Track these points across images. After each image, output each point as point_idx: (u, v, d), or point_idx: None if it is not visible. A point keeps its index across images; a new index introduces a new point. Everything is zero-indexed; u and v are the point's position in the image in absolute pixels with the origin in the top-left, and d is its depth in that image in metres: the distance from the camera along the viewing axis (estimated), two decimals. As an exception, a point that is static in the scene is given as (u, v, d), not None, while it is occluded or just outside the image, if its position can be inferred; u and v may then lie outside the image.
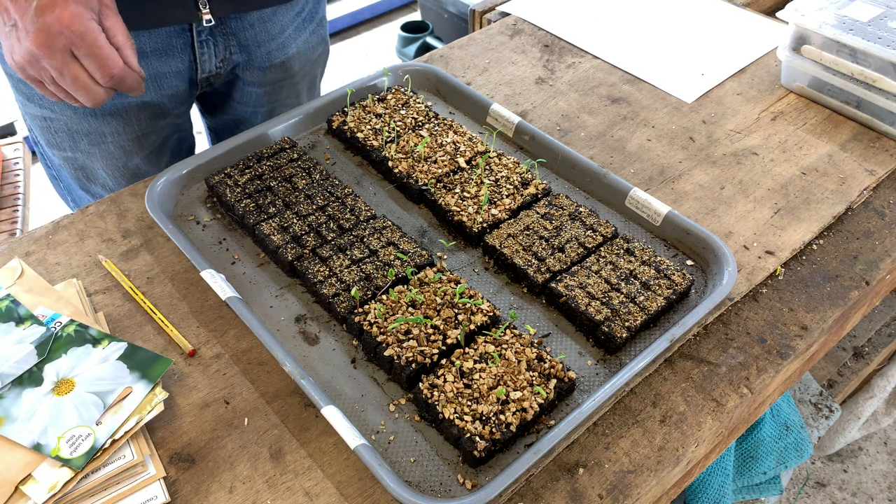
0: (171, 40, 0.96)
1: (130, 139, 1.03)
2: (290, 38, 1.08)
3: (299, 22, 1.09)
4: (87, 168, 1.06)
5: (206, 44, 0.99)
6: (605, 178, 0.90)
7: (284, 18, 1.05)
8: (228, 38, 1.01)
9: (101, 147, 1.02)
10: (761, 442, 1.15)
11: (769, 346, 0.78)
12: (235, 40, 1.02)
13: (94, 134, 1.00)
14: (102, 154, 1.03)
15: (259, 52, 1.06)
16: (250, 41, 1.04)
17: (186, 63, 1.00)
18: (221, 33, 1.00)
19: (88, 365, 0.71)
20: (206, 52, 1.00)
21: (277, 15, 1.04)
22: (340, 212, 0.87)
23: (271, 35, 1.05)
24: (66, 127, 1.00)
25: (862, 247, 0.88)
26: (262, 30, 1.04)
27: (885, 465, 1.77)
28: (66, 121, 0.99)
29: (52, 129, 1.01)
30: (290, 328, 0.78)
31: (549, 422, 0.69)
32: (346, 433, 0.65)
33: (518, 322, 0.79)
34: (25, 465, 0.64)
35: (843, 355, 1.53)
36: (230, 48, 1.02)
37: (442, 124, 0.99)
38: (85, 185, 1.09)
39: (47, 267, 0.84)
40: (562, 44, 1.20)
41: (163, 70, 0.98)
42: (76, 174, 1.07)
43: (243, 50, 1.04)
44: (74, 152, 1.03)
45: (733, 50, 1.19)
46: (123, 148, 1.03)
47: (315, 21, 1.12)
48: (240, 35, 1.02)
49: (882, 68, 0.97)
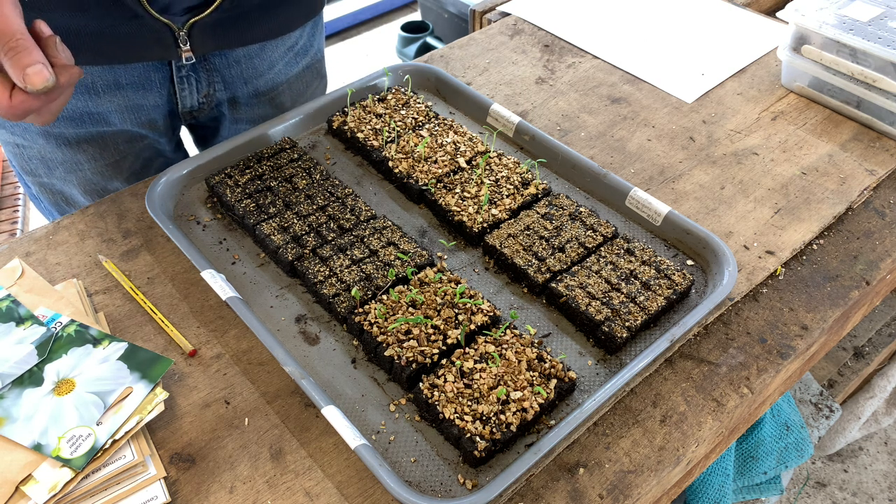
0: (149, 74, 0.92)
1: (108, 164, 0.98)
2: (281, 73, 1.03)
3: (291, 57, 1.04)
4: (64, 193, 1.01)
5: (187, 80, 0.95)
6: (605, 178, 0.90)
7: (274, 54, 1.00)
8: (212, 74, 0.96)
9: (77, 174, 0.98)
10: (761, 442, 1.15)
11: (769, 345, 0.78)
12: (220, 77, 0.97)
13: (69, 162, 0.96)
14: (80, 180, 0.99)
15: (245, 90, 1.01)
16: (235, 78, 0.99)
17: (165, 97, 0.96)
18: (204, 69, 0.95)
19: (89, 365, 0.71)
20: (187, 87, 0.96)
21: (266, 51, 0.99)
22: (341, 212, 0.87)
23: (259, 71, 1.00)
24: (39, 154, 0.95)
25: (862, 247, 0.88)
26: (248, 66, 0.99)
27: (885, 465, 1.77)
28: (38, 149, 0.94)
29: (25, 155, 0.96)
30: (290, 328, 0.78)
31: (549, 422, 0.69)
32: (347, 433, 0.65)
33: (518, 322, 0.79)
34: (26, 466, 0.64)
35: (844, 355, 1.53)
36: (214, 85, 0.98)
37: (442, 124, 0.99)
38: (63, 210, 1.04)
39: (47, 267, 0.84)
40: (562, 44, 1.20)
41: (140, 102, 0.94)
42: (54, 199, 1.02)
43: (228, 87, 0.99)
44: (50, 178, 0.98)
45: (733, 50, 1.19)
46: (101, 174, 0.99)
47: (309, 55, 1.07)
48: (224, 72, 0.97)
49: (882, 68, 0.97)
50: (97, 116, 0.93)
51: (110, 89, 0.91)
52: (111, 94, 0.91)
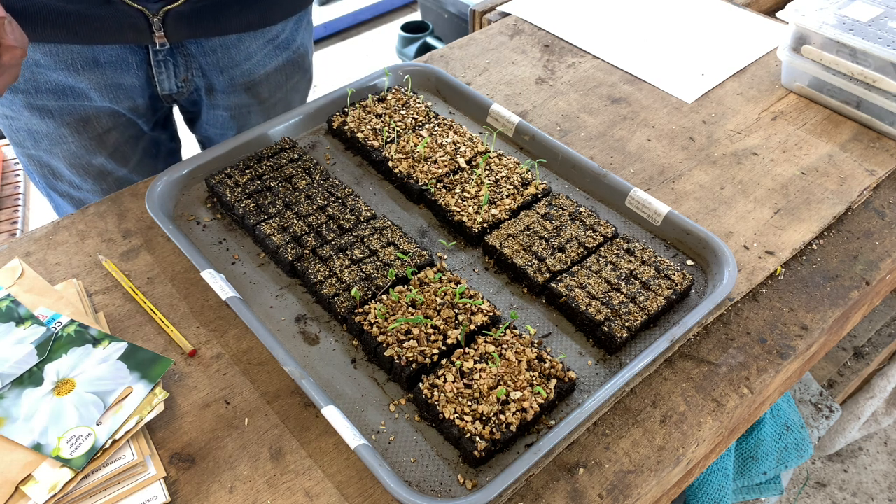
0: (126, 56, 0.93)
1: (91, 138, 1.00)
2: (259, 64, 1.04)
3: (270, 49, 1.04)
4: (51, 166, 1.03)
5: (165, 64, 0.96)
6: (605, 178, 0.90)
7: (253, 45, 1.01)
8: (189, 60, 0.98)
9: (62, 146, 1.00)
10: (761, 442, 1.15)
11: (769, 346, 0.78)
12: (196, 63, 0.99)
13: (53, 135, 0.98)
14: (65, 153, 1.01)
15: (221, 78, 1.02)
16: (211, 66, 1.00)
17: (143, 79, 0.97)
18: (182, 55, 0.96)
19: (89, 365, 0.71)
20: (165, 72, 0.97)
21: (244, 41, 1.00)
22: (340, 212, 0.87)
23: (235, 61, 1.01)
24: (26, 126, 0.98)
25: (862, 247, 0.88)
26: (224, 55, 1.00)
27: (885, 465, 1.77)
28: (25, 121, 0.97)
29: (13, 127, 0.99)
30: (290, 328, 0.78)
31: (549, 422, 0.69)
32: (347, 433, 0.65)
33: (518, 322, 0.79)
34: (26, 466, 0.64)
35: (844, 355, 1.53)
36: (192, 70, 0.99)
37: (442, 124, 0.99)
38: (52, 184, 1.07)
39: (47, 267, 0.84)
40: (562, 44, 1.20)
41: (118, 81, 0.95)
42: (42, 171, 1.05)
43: (205, 74, 1.01)
44: (37, 150, 1.01)
45: (733, 50, 1.19)
46: (86, 147, 1.01)
47: (290, 49, 1.08)
48: (200, 59, 0.98)
49: (882, 68, 0.97)
50: (78, 91, 0.95)
51: (89, 66, 0.93)
52: (90, 72, 0.93)
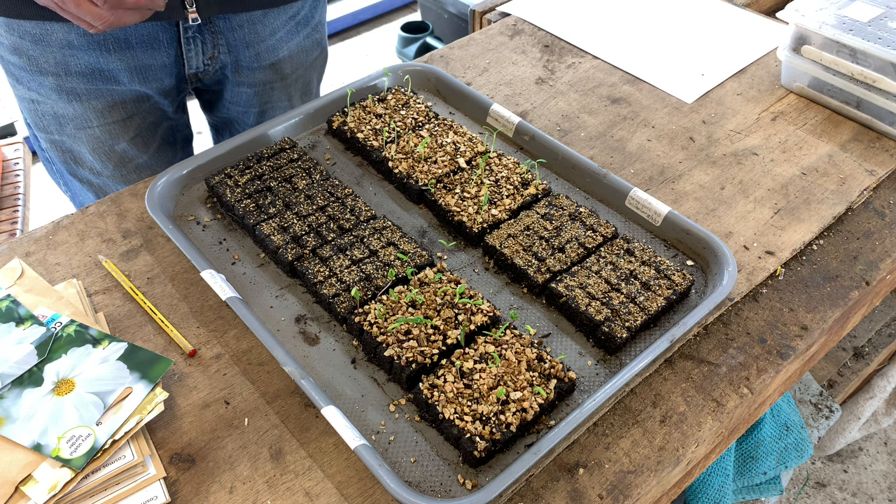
0: (157, 34, 0.96)
1: (115, 122, 1.03)
2: (282, 40, 1.08)
3: (292, 26, 1.08)
4: (73, 151, 1.06)
5: (193, 41, 0.99)
6: (605, 178, 0.90)
7: (276, 21, 1.05)
8: (217, 37, 1.01)
9: (86, 131, 1.03)
10: (761, 442, 1.15)
11: (769, 346, 0.78)
12: (224, 40, 1.02)
13: (79, 118, 1.01)
14: (88, 138, 1.04)
15: (247, 53, 1.06)
16: (238, 42, 1.04)
17: (172, 58, 1.00)
18: (210, 32, 1.00)
19: (88, 365, 0.71)
20: (193, 48, 1.00)
21: (268, 17, 1.04)
22: (340, 212, 0.87)
23: (261, 37, 1.05)
24: (52, 110, 1.00)
25: (862, 247, 0.88)
26: (250, 31, 1.03)
27: (885, 465, 1.77)
28: (51, 104, 1.00)
29: (39, 111, 1.01)
30: (290, 328, 0.78)
31: (549, 422, 0.69)
32: (347, 433, 0.65)
33: (518, 322, 0.79)
34: (26, 466, 0.64)
35: (843, 355, 1.53)
36: (218, 47, 1.03)
37: (442, 124, 0.99)
38: (73, 170, 1.10)
39: (47, 267, 0.84)
40: (562, 44, 1.20)
41: (148, 62, 0.98)
42: (64, 157, 1.08)
43: (231, 50, 1.04)
44: (61, 135, 1.04)
45: (733, 50, 1.19)
46: (109, 132, 1.04)
47: (310, 26, 1.12)
48: (228, 35, 1.02)
49: (882, 68, 0.97)
50: (107, 74, 0.97)
51: (120, 48, 0.95)
52: (121, 53, 0.96)
